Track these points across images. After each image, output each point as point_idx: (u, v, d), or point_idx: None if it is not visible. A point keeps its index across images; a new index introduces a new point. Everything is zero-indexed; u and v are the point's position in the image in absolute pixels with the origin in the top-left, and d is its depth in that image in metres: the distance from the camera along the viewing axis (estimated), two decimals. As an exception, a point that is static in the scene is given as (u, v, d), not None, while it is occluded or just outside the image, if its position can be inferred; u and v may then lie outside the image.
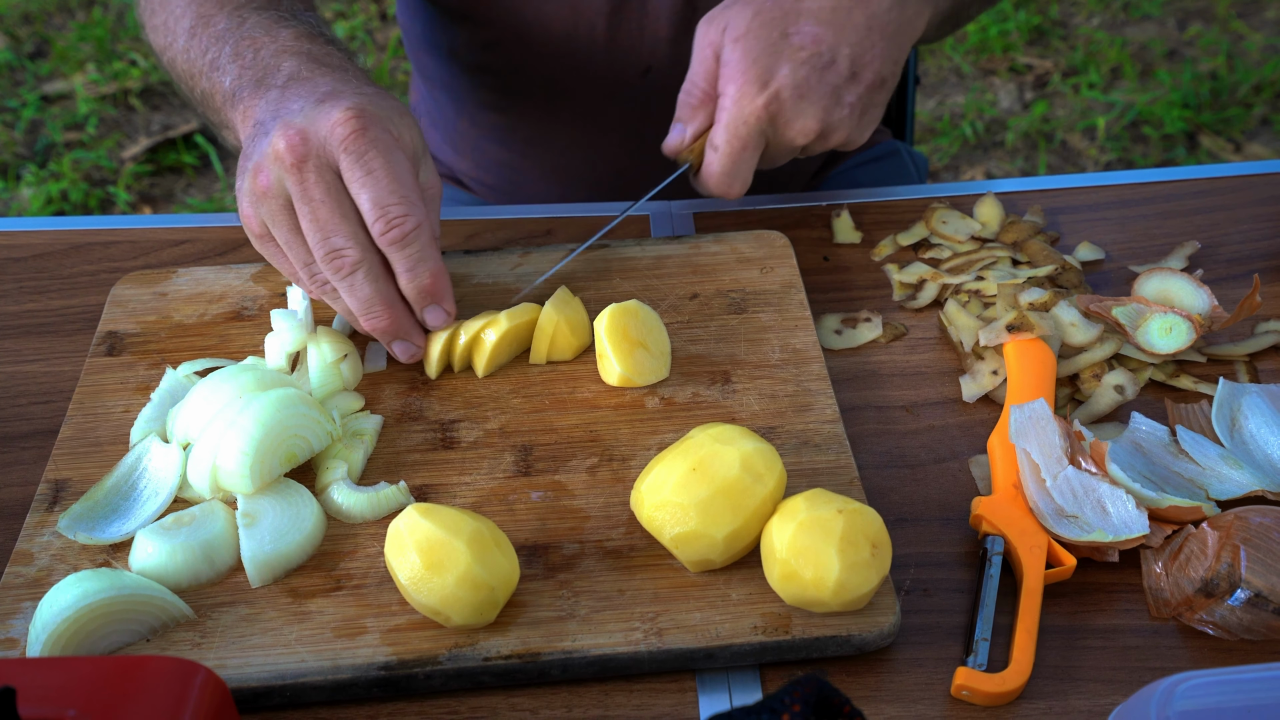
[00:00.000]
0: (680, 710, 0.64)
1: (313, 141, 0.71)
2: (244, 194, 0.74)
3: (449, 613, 0.63)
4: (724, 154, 0.82)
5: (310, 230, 0.72)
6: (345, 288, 0.73)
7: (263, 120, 0.75)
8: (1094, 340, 0.80)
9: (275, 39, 0.80)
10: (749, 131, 0.81)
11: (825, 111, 0.81)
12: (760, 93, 0.80)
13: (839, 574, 0.62)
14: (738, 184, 0.83)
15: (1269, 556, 0.65)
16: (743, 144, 0.81)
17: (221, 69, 0.81)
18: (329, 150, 0.71)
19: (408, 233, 0.72)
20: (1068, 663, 0.65)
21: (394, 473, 0.74)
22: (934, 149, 2.42)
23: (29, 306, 0.88)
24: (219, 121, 0.85)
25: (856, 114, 0.83)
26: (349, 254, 0.72)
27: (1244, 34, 2.62)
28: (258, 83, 0.78)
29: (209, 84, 0.83)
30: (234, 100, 0.79)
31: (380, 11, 2.78)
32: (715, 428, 0.67)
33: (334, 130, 0.71)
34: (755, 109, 0.80)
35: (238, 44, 0.81)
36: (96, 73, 2.61)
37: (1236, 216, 0.94)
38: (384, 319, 0.74)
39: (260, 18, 0.83)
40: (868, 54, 0.82)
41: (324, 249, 0.72)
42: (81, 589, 0.63)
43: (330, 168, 0.72)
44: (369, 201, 0.71)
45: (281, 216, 0.73)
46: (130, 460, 0.73)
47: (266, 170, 0.72)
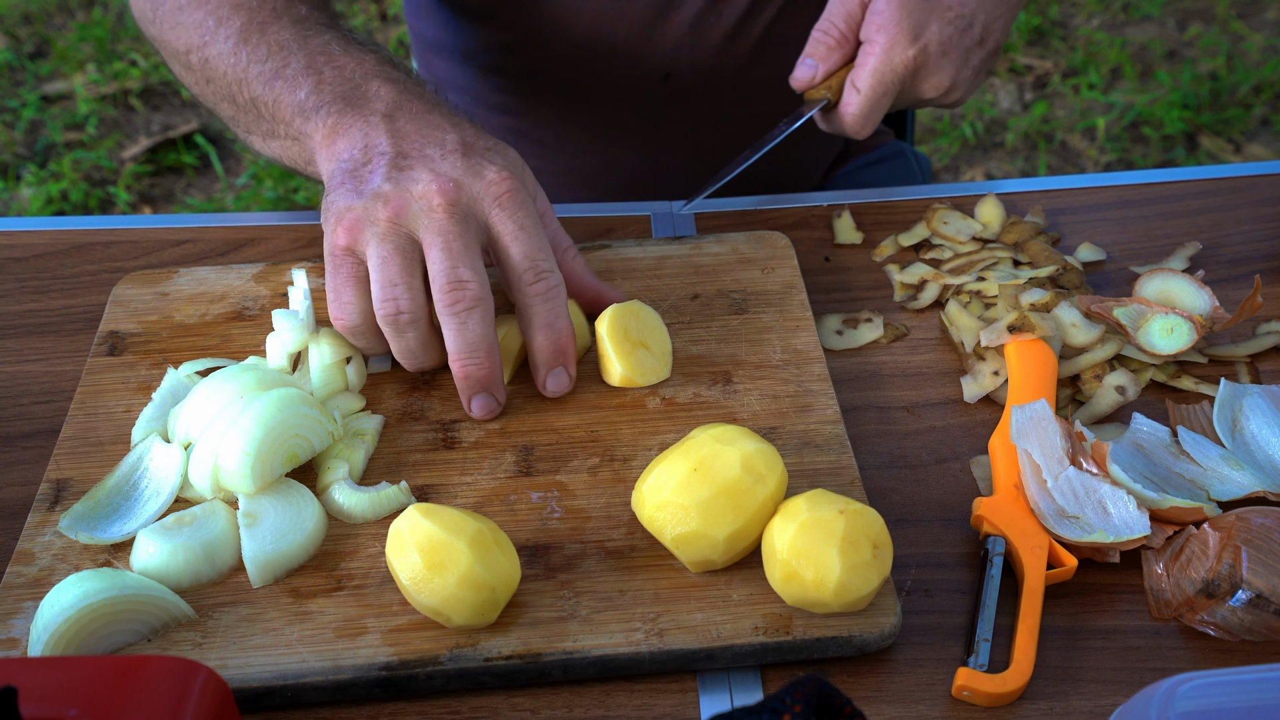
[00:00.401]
0: (681, 710, 0.64)
1: (466, 193, 0.72)
2: (354, 211, 0.72)
3: (450, 613, 0.63)
4: (866, 97, 0.86)
5: (440, 258, 0.71)
6: (456, 323, 0.71)
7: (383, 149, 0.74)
8: (1095, 341, 0.80)
9: (358, 61, 0.80)
10: (894, 79, 0.86)
11: (957, 71, 0.87)
12: (911, 45, 0.85)
13: (840, 575, 0.62)
14: (870, 126, 0.88)
15: (1270, 557, 0.65)
16: (885, 90, 0.86)
17: (290, 80, 0.79)
18: (481, 204, 0.73)
19: (553, 286, 0.74)
20: (1069, 663, 0.65)
21: (395, 473, 0.74)
22: (934, 149, 2.42)
23: (30, 306, 0.88)
24: (268, 130, 0.83)
25: (975, 76, 0.89)
26: (472, 288, 0.71)
27: (1244, 35, 2.62)
28: (347, 100, 0.77)
29: (267, 92, 0.81)
30: (313, 113, 0.78)
31: (380, 11, 2.78)
32: (716, 428, 0.67)
33: (490, 188, 0.73)
34: (906, 59, 0.85)
35: (310, 58, 0.80)
36: (96, 73, 2.61)
37: (1237, 217, 0.94)
38: (485, 366, 0.73)
39: (330, 35, 0.82)
40: (996, 21, 0.88)
41: (450, 276, 0.70)
42: (83, 589, 0.63)
43: (478, 220, 0.73)
44: (521, 252, 0.73)
45: (395, 238, 0.71)
46: (131, 460, 0.73)
47: (402, 203, 0.71)
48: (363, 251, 0.72)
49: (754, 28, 1.03)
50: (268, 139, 0.84)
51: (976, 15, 0.87)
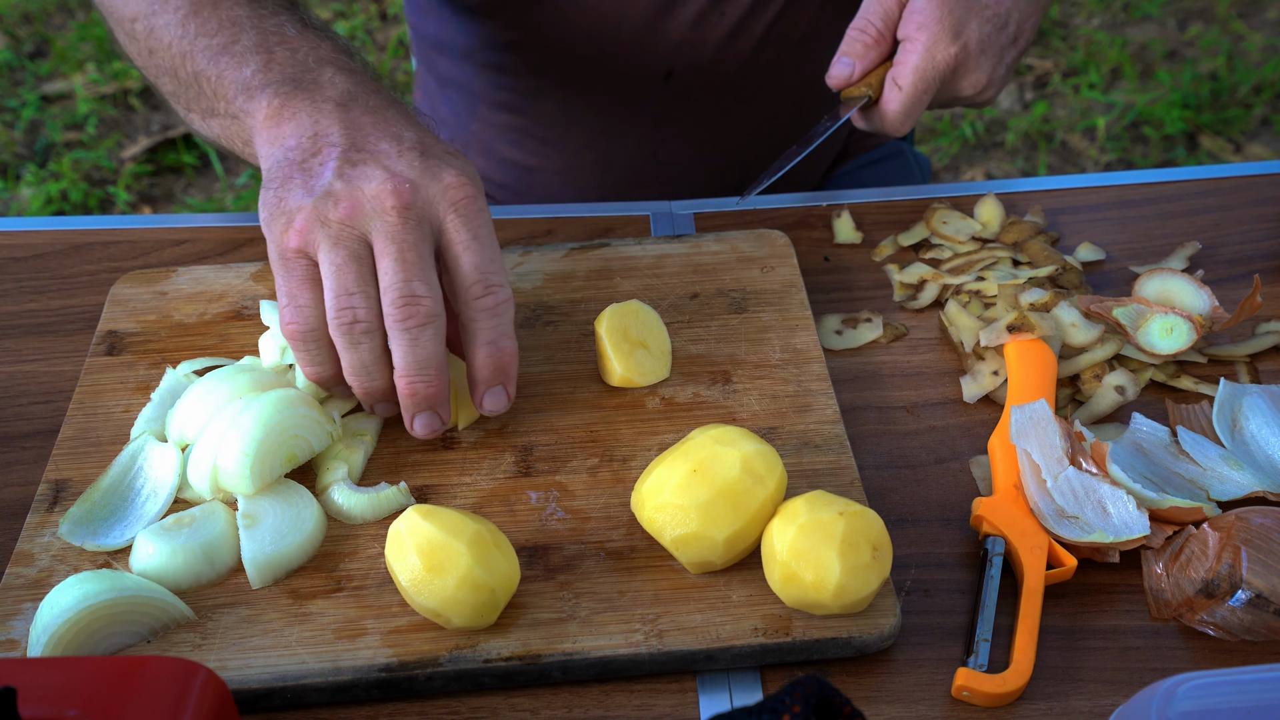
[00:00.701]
0: (681, 711, 0.64)
1: (421, 194, 0.69)
2: (305, 209, 0.69)
3: (449, 614, 0.63)
4: (908, 94, 0.86)
5: (392, 269, 0.67)
6: (407, 339, 0.68)
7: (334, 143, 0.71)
8: (1095, 341, 0.80)
9: (313, 46, 0.77)
10: (936, 76, 0.86)
11: (993, 68, 0.88)
12: (953, 43, 0.85)
13: (840, 577, 0.62)
14: (909, 123, 0.89)
15: (1270, 557, 0.65)
16: (926, 87, 0.86)
17: (238, 56, 0.76)
18: (436, 208, 0.69)
19: (501, 302, 0.70)
20: (1068, 663, 0.65)
21: (394, 473, 0.74)
22: (934, 149, 2.42)
23: (29, 306, 0.88)
24: (208, 108, 0.80)
25: (1007, 75, 0.90)
26: (426, 304, 0.67)
27: (1244, 34, 2.62)
28: (296, 82, 0.74)
29: (211, 67, 0.78)
30: (256, 91, 0.75)
31: (380, 11, 2.78)
32: (716, 429, 0.67)
33: (447, 191, 0.69)
34: (947, 57, 0.85)
35: (263, 37, 0.77)
36: (96, 73, 2.61)
37: (1237, 217, 0.94)
38: (434, 384, 0.70)
39: (288, 18, 0.80)
40: (1028, 20, 0.90)
41: (402, 290, 0.67)
42: (82, 590, 0.62)
43: (430, 224, 0.69)
44: (472, 264, 0.69)
45: (349, 243, 0.68)
46: (125, 459, 0.73)
47: (354, 202, 0.68)
48: (314, 253, 0.69)
49: (755, 27, 1.03)
50: (207, 117, 0.81)
51: (1011, 14, 0.88)
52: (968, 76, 0.87)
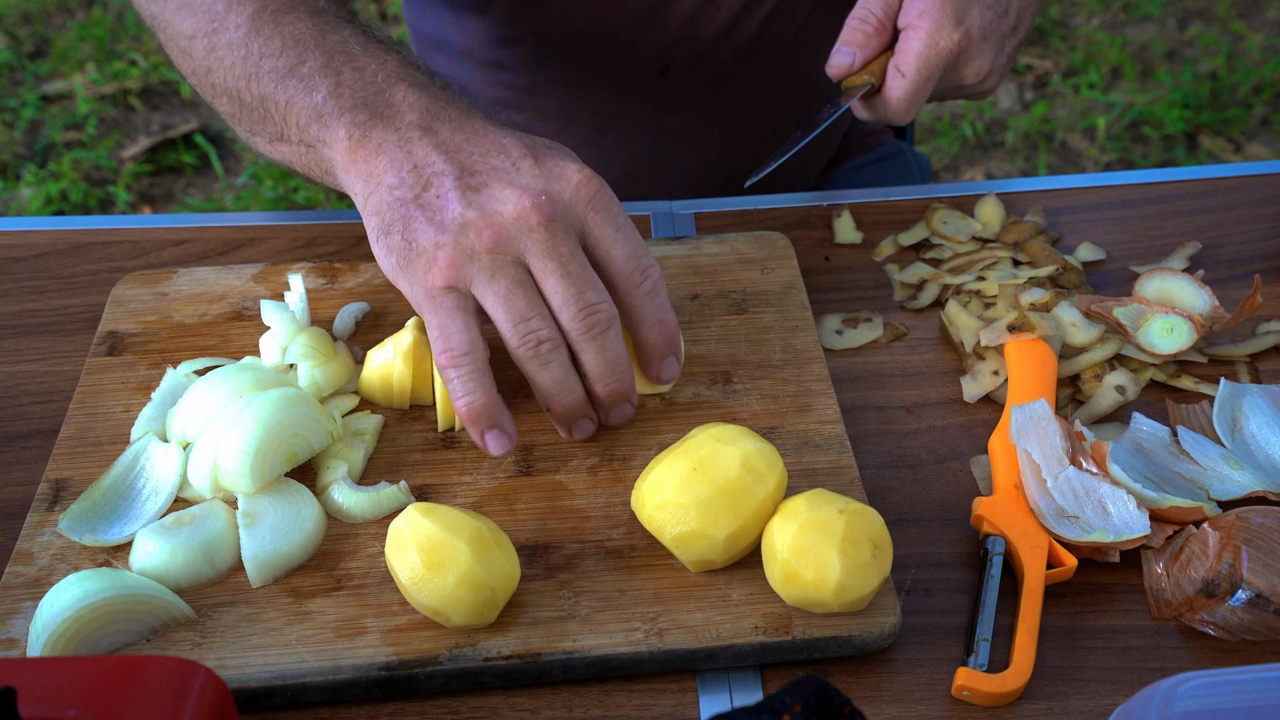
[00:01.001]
0: (681, 710, 0.64)
1: (559, 203, 0.69)
2: (445, 247, 0.68)
3: (450, 613, 0.63)
4: (912, 80, 0.85)
5: (562, 286, 0.68)
6: (596, 346, 0.69)
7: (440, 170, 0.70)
8: (1095, 340, 0.80)
9: (380, 63, 0.75)
10: (939, 62, 0.85)
11: (995, 56, 0.87)
12: (956, 28, 0.84)
13: (840, 575, 0.62)
14: (913, 111, 0.87)
15: (1270, 557, 0.65)
16: (930, 74, 0.85)
17: (305, 79, 0.74)
18: (576, 210, 0.70)
19: (658, 281, 0.72)
20: (1068, 663, 0.65)
21: (395, 472, 0.74)
22: (934, 149, 2.42)
23: (29, 306, 0.88)
24: (276, 132, 0.77)
25: (1008, 64, 0.89)
26: (603, 309, 0.69)
27: (1244, 34, 2.62)
28: (371, 108, 0.72)
29: (277, 90, 0.75)
30: (330, 119, 0.73)
31: (380, 11, 2.78)
32: (716, 427, 0.67)
33: (579, 191, 0.70)
34: (951, 42, 0.84)
35: (329, 56, 0.75)
36: (96, 73, 2.61)
37: (1237, 217, 0.94)
38: (628, 379, 0.71)
39: (350, 32, 0.77)
40: (1028, 9, 0.89)
41: (579, 304, 0.68)
42: (82, 589, 0.62)
43: (575, 228, 0.70)
44: (624, 254, 0.70)
45: (508, 270, 0.68)
46: (127, 459, 0.73)
47: (499, 228, 0.68)
48: (466, 289, 0.68)
49: (752, 20, 1.03)
50: (275, 141, 0.78)
51: (1012, 2, 0.87)
52: (970, 64, 0.87)
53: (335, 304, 0.84)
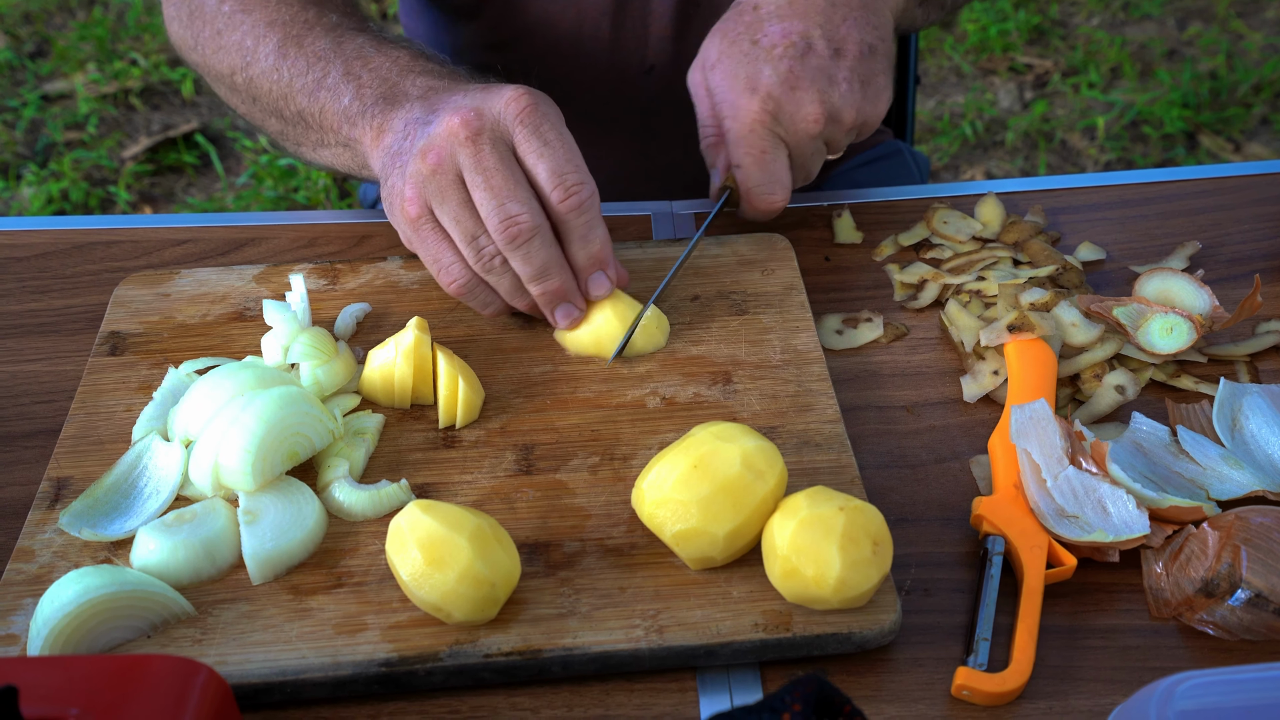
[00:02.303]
0: (681, 709, 0.64)
1: (487, 117, 0.74)
2: (409, 178, 0.75)
3: (450, 609, 0.63)
4: (746, 165, 0.84)
5: (485, 199, 0.73)
6: (520, 255, 0.74)
7: (418, 117, 0.76)
8: (1095, 340, 0.81)
9: (393, 60, 0.82)
10: (758, 137, 0.83)
11: (822, 94, 0.82)
12: (752, 97, 0.82)
13: (840, 571, 0.62)
14: (778, 189, 0.84)
15: (1269, 557, 0.65)
16: (760, 149, 0.83)
17: (332, 89, 0.82)
18: (504, 124, 0.74)
19: (584, 199, 0.75)
20: (1068, 662, 0.65)
21: (395, 471, 0.74)
22: (934, 149, 2.42)
23: (31, 306, 0.88)
24: (319, 140, 0.85)
25: (856, 88, 0.83)
26: (524, 219, 0.73)
27: (1244, 34, 2.62)
28: (388, 99, 0.79)
29: (311, 103, 0.83)
30: (360, 118, 0.80)
31: (381, 11, 2.78)
32: (716, 425, 0.67)
33: (508, 106, 0.74)
34: (753, 112, 0.82)
35: (348, 64, 0.82)
36: (97, 72, 2.61)
37: (1237, 216, 0.94)
38: (556, 282, 0.76)
39: (363, 39, 0.84)
40: (840, 28, 0.84)
41: (500, 215, 0.73)
42: (83, 585, 0.63)
43: (504, 141, 0.74)
44: (546, 170, 0.74)
45: (451, 191, 0.74)
46: (130, 458, 0.73)
47: (438, 148, 0.73)
48: (434, 212, 0.75)
49: None
50: (318, 148, 0.86)
51: (811, 34, 0.82)
52: (796, 116, 0.82)
53: (337, 304, 0.84)
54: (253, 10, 0.88)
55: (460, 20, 1.08)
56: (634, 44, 1.03)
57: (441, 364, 0.76)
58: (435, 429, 0.76)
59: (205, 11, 0.91)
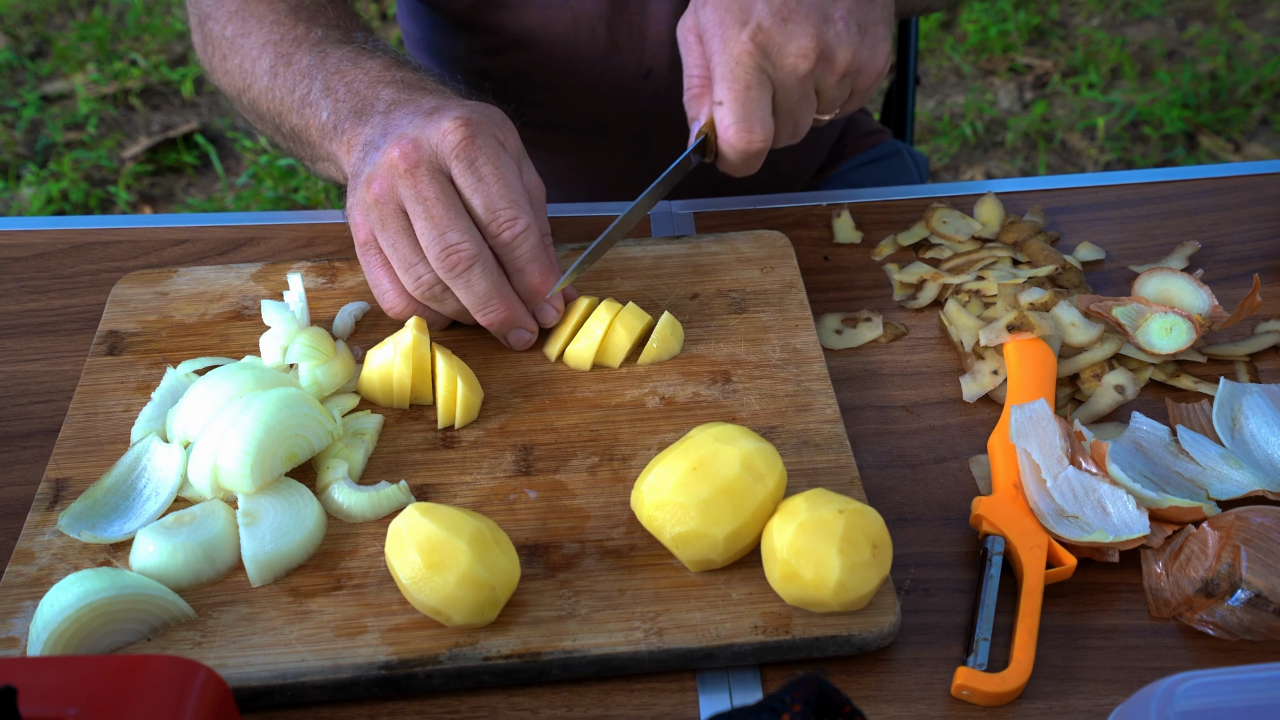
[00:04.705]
0: (681, 710, 0.64)
1: (424, 149, 0.74)
2: (355, 205, 0.77)
3: (450, 612, 0.63)
4: (729, 99, 0.78)
5: (425, 229, 0.74)
6: (461, 284, 0.75)
7: (371, 139, 0.78)
8: (1094, 340, 0.80)
9: (365, 71, 0.83)
10: (744, 69, 0.78)
11: (816, 29, 0.78)
12: (742, 29, 0.78)
13: (839, 574, 0.62)
14: (758, 128, 0.79)
15: (1269, 557, 0.65)
16: (744, 84, 0.78)
17: (314, 104, 0.84)
18: (441, 157, 0.75)
19: (518, 234, 0.75)
20: (1068, 663, 0.65)
21: (394, 472, 0.74)
22: (934, 149, 2.42)
23: (30, 306, 0.88)
24: (312, 155, 0.87)
25: (853, 29, 0.79)
26: (464, 248, 0.74)
27: (1244, 34, 2.62)
28: (358, 113, 0.81)
29: (300, 120, 0.85)
30: (334, 133, 0.82)
31: (381, 12, 2.78)
32: (716, 427, 0.67)
33: (445, 139, 0.74)
34: (742, 44, 0.77)
35: (327, 79, 0.84)
36: (97, 73, 2.61)
37: (1236, 216, 0.94)
38: (500, 312, 0.77)
39: (344, 52, 0.85)
40: None
41: (440, 245, 0.74)
42: (82, 588, 0.63)
43: (442, 173, 0.75)
44: (480, 206, 0.75)
45: (392, 220, 0.75)
46: (129, 459, 0.73)
47: (380, 178, 0.75)
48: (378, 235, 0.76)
49: None
50: (315, 162, 0.88)
51: None
52: (787, 49, 0.78)
53: (335, 303, 0.84)
54: (250, 33, 0.90)
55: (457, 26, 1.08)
56: (631, 48, 1.03)
57: (440, 364, 0.75)
58: (434, 429, 0.76)
59: (213, 38, 0.93)
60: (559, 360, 0.80)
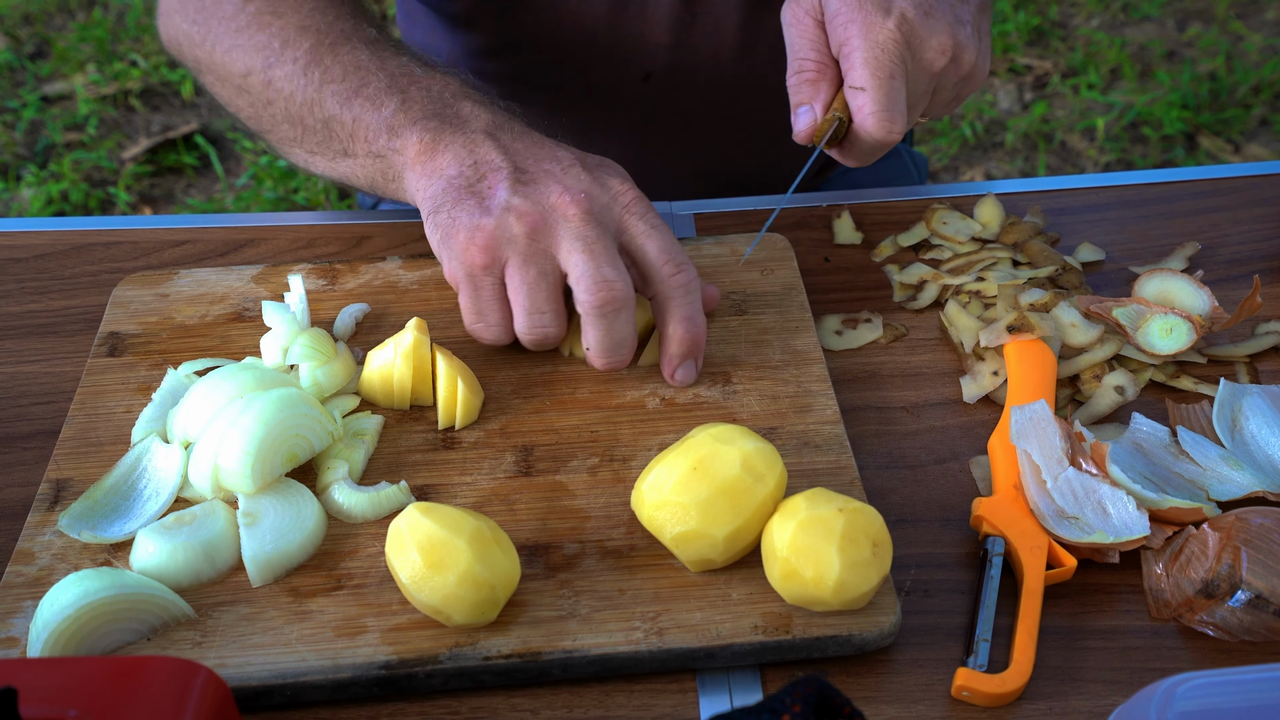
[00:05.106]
0: (681, 710, 0.64)
1: (597, 201, 0.74)
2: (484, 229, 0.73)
3: (450, 612, 0.63)
4: (874, 87, 0.77)
5: (583, 261, 0.72)
6: (605, 324, 0.73)
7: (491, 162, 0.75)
8: (1094, 341, 0.81)
9: (445, 84, 0.81)
10: (890, 57, 0.78)
11: (951, 28, 0.79)
12: (887, 17, 0.78)
13: (840, 573, 0.62)
14: (898, 119, 0.78)
15: (1269, 558, 0.65)
16: (889, 72, 0.77)
17: (372, 98, 0.80)
18: (613, 211, 0.75)
19: (692, 279, 0.75)
20: (1068, 663, 0.65)
21: (395, 472, 0.74)
22: (934, 149, 2.42)
23: (30, 307, 0.88)
24: (342, 150, 0.83)
25: (976, 35, 0.82)
26: (619, 287, 0.72)
27: (1243, 35, 2.62)
28: (442, 118, 0.78)
29: (344, 110, 0.81)
30: (403, 129, 0.78)
31: (380, 12, 2.79)
32: (716, 427, 0.67)
33: (617, 196, 0.75)
34: (889, 31, 0.78)
35: (392, 78, 0.81)
36: (97, 73, 2.61)
37: (1236, 217, 0.94)
38: (625, 359, 0.76)
39: (410, 59, 0.83)
40: None
41: (595, 276, 0.72)
42: (82, 588, 0.63)
43: (611, 226, 0.74)
44: (657, 249, 0.75)
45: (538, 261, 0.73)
46: (130, 460, 0.73)
47: (539, 215, 0.73)
48: (501, 269, 0.74)
49: (733, 28, 1.03)
50: (339, 158, 0.84)
51: None
52: (928, 43, 0.79)
53: (336, 305, 0.84)
54: (283, 14, 0.86)
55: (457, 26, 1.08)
56: (632, 52, 1.03)
57: (441, 365, 0.76)
58: (434, 430, 0.76)
59: (224, 9, 0.88)
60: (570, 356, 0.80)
